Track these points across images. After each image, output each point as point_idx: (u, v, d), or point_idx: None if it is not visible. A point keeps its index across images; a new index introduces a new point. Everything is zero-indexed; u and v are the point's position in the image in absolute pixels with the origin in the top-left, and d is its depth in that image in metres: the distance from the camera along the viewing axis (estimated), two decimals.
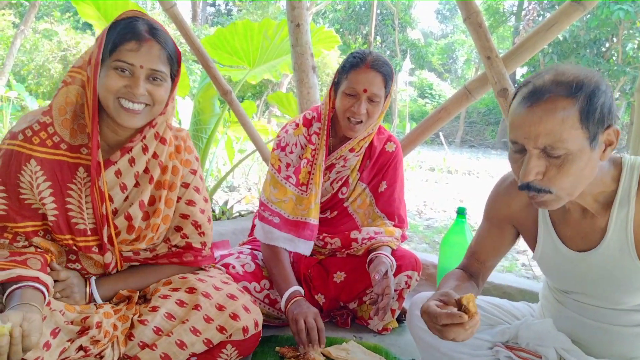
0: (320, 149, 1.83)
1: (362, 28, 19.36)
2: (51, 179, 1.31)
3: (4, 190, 1.28)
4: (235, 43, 3.26)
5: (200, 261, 1.57)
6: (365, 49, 1.80)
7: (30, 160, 1.29)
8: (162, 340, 1.39)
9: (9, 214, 1.28)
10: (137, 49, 1.25)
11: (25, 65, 10.71)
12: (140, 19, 1.30)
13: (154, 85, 1.30)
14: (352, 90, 1.68)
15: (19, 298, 1.17)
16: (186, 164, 1.52)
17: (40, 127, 1.31)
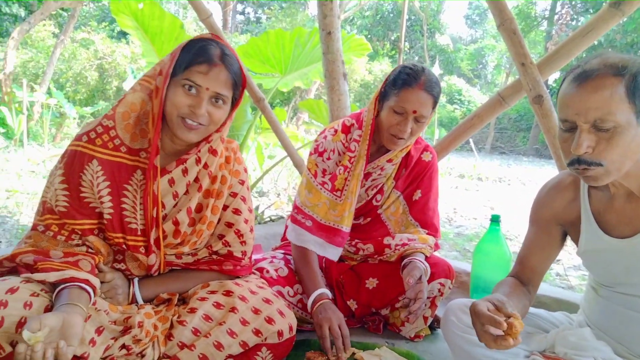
0: (360, 158, 1.83)
1: (390, 34, 19.34)
2: (110, 179, 1.39)
3: (66, 188, 1.37)
4: (267, 51, 3.32)
5: (239, 271, 1.61)
6: (418, 64, 1.77)
7: (93, 160, 1.37)
8: (200, 341, 1.43)
9: (70, 211, 1.36)
10: (207, 72, 1.32)
11: (64, 73, 11.14)
12: (215, 43, 1.38)
13: (215, 107, 1.37)
14: (402, 109, 1.67)
15: (67, 298, 1.23)
16: (235, 174, 1.58)
17: (103, 129, 1.39)
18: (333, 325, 1.58)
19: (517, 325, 1.05)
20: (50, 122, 8.58)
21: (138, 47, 12.31)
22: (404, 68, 1.72)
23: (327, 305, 1.66)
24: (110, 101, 10.93)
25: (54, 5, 8.70)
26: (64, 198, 1.36)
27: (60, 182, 1.37)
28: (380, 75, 15.90)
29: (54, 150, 7.33)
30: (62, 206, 1.36)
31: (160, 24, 3.22)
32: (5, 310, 1.19)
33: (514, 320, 1.05)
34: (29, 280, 1.29)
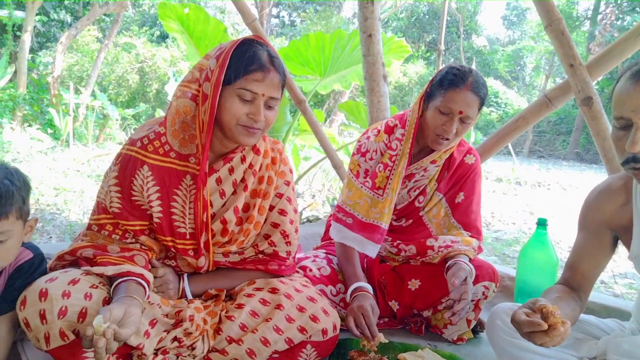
0: (403, 156, 1.84)
1: (426, 36, 19.15)
2: (159, 184, 1.42)
3: (119, 191, 1.42)
4: (307, 54, 3.37)
5: (284, 270, 1.64)
6: (465, 66, 1.77)
7: (144, 165, 1.41)
8: (247, 336, 1.47)
9: (122, 212, 1.42)
10: (262, 80, 1.34)
11: (107, 76, 11.56)
12: (260, 45, 1.39)
13: (269, 110, 1.40)
14: (448, 109, 1.67)
15: (125, 290, 1.29)
16: (281, 175, 1.61)
17: (155, 136, 1.44)
18: (357, 315, 1.59)
19: (552, 309, 1.05)
20: (94, 123, 8.92)
21: (176, 51, 12.65)
22: (451, 69, 1.72)
23: (357, 296, 1.68)
24: (150, 103, 11.27)
25: (99, 11, 9.05)
26: (117, 200, 1.42)
27: (113, 185, 1.43)
28: (415, 77, 15.77)
29: (97, 150, 7.62)
30: (115, 207, 1.42)
31: (205, 28, 3.31)
32: (68, 301, 1.25)
33: (546, 309, 1.06)
34: (89, 272, 1.36)
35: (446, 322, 1.84)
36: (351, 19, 19.02)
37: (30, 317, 1.23)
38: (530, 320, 1.06)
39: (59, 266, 1.44)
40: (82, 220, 4.13)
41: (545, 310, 1.06)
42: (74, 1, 13.60)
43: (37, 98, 9.17)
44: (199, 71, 1.42)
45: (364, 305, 1.61)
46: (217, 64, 1.35)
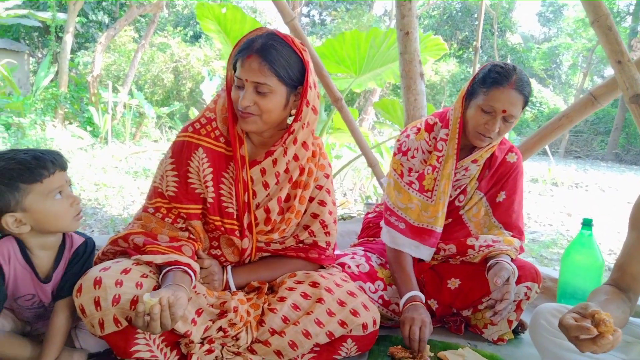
0: (449, 157, 1.82)
1: (458, 34, 18.86)
2: (212, 166, 1.52)
3: (176, 175, 1.51)
4: (343, 52, 3.37)
5: (324, 259, 1.67)
6: (508, 63, 1.74)
7: (199, 148, 1.51)
8: (290, 329, 1.50)
9: (178, 196, 1.50)
10: (242, 65, 1.40)
11: (143, 75, 11.86)
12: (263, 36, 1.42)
13: (260, 97, 1.42)
14: (491, 108, 1.65)
15: (172, 278, 1.34)
16: (321, 167, 1.65)
17: (206, 121, 1.54)
18: (414, 326, 1.59)
19: (606, 317, 1.02)
20: (131, 121, 9.17)
21: (209, 50, 12.86)
22: (494, 66, 1.69)
23: (415, 306, 1.67)
24: (184, 102, 11.50)
25: (137, 11, 9.29)
26: (173, 184, 1.51)
27: (170, 170, 1.52)
28: (447, 75, 15.56)
29: (134, 147, 7.83)
30: (171, 191, 1.50)
31: (242, 27, 3.36)
32: (121, 289, 1.31)
33: (598, 316, 1.03)
34: (139, 262, 1.41)
35: (486, 322, 1.82)
36: (382, 17, 18.92)
37: (86, 304, 1.29)
38: (580, 325, 1.04)
39: (111, 252, 1.51)
40: (122, 215, 4.26)
41: (597, 317, 1.03)
42: (111, 3, 14.00)
43: (77, 97, 9.50)
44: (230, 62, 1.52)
45: (425, 320, 1.61)
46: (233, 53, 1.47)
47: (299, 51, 1.45)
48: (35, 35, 14.63)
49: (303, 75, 1.47)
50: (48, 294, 1.43)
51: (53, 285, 1.42)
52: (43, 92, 9.02)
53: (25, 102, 7.97)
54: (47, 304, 1.45)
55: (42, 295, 1.43)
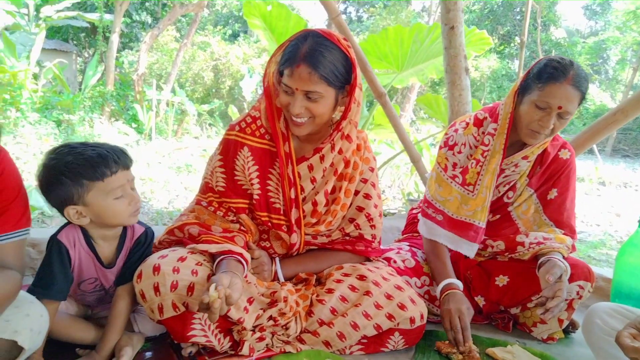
0: (496, 153, 1.78)
1: (500, 29, 18.38)
2: (258, 164, 1.56)
3: (224, 172, 1.56)
4: (385, 48, 3.36)
5: (370, 252, 1.68)
6: (565, 58, 1.69)
7: (244, 147, 1.55)
8: (338, 320, 1.52)
9: (226, 191, 1.55)
10: (291, 75, 1.40)
11: (184, 73, 12.16)
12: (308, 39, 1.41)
13: (312, 102, 1.44)
14: (546, 104, 1.61)
15: (226, 266, 1.39)
16: (365, 161, 1.66)
17: (251, 120, 1.58)
18: (453, 318, 1.57)
19: None
20: (173, 118, 9.43)
21: (248, 48, 13.05)
22: (551, 61, 1.64)
23: (451, 295, 1.66)
24: (223, 99, 11.73)
25: (180, 11, 9.54)
26: (222, 180, 1.56)
27: (219, 167, 1.57)
28: (487, 71, 15.20)
29: (176, 144, 8.05)
30: (220, 186, 1.56)
31: (287, 24, 3.40)
32: (178, 276, 1.37)
33: None
34: (194, 251, 1.47)
35: (536, 320, 1.79)
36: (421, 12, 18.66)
37: (146, 289, 1.36)
38: (636, 347, 1.08)
39: (166, 241, 1.57)
40: (167, 208, 4.40)
41: None
42: (154, 3, 14.41)
43: (122, 94, 9.85)
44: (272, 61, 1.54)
45: (461, 308, 1.60)
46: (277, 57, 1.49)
47: (345, 49, 1.45)
48: (82, 35, 15.22)
49: (350, 73, 1.47)
50: (109, 278, 1.50)
51: (116, 271, 1.49)
52: (91, 90, 9.40)
53: (75, 99, 8.32)
54: (108, 287, 1.53)
55: (104, 279, 1.50)
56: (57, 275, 1.40)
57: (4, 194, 1.20)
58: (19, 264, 1.25)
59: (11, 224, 1.22)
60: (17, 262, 1.24)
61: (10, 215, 1.22)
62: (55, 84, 9.88)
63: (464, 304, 1.62)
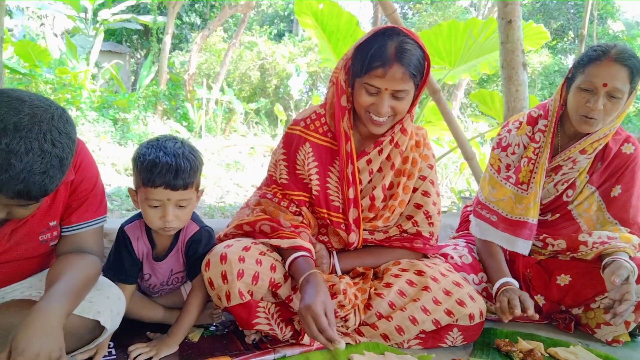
0: (545, 147, 1.77)
1: (552, 23, 17.67)
2: (318, 160, 1.58)
3: (286, 165, 1.60)
4: (438, 44, 3.33)
5: (428, 249, 1.68)
6: (608, 42, 1.67)
7: (306, 143, 1.58)
8: (397, 314, 1.54)
9: (289, 183, 1.59)
10: (383, 75, 1.39)
11: (231, 73, 12.42)
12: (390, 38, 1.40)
13: (397, 101, 1.45)
14: (590, 84, 1.59)
15: (308, 265, 1.42)
16: (425, 158, 1.66)
17: (316, 117, 1.61)
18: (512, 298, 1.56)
19: None
20: (222, 117, 9.68)
21: (293, 47, 13.18)
22: (591, 47, 1.64)
23: (511, 288, 1.64)
24: (269, 98, 11.91)
25: (229, 12, 9.78)
26: (284, 172, 1.61)
27: (282, 160, 1.62)
28: (539, 67, 14.65)
29: (225, 141, 8.25)
30: (283, 178, 1.60)
31: (338, 22, 3.43)
32: (244, 265, 1.42)
33: None
34: (256, 242, 1.52)
35: (599, 321, 1.74)
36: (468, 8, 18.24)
37: (214, 277, 1.42)
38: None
39: (232, 234, 1.63)
40: (219, 204, 4.53)
41: None
42: (203, 5, 14.80)
43: (174, 94, 10.20)
44: (343, 62, 1.53)
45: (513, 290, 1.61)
46: (349, 53, 1.48)
47: (422, 45, 1.46)
48: (135, 37, 15.85)
49: (424, 68, 1.47)
50: (160, 274, 1.58)
51: (165, 265, 1.57)
52: (145, 90, 9.79)
53: (130, 99, 8.69)
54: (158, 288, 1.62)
55: (154, 275, 1.59)
56: (125, 261, 1.51)
57: (83, 184, 1.28)
58: (99, 249, 1.34)
59: (91, 212, 1.31)
60: (96, 247, 1.33)
61: (90, 204, 1.31)
62: (112, 84, 10.36)
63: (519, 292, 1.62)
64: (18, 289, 1.29)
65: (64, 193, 1.25)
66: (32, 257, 1.28)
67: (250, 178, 5.87)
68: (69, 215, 1.27)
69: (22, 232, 1.20)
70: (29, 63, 8.22)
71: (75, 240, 1.28)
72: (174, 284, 1.63)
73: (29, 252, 1.25)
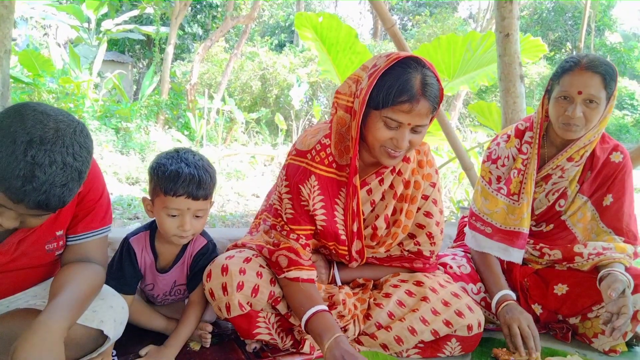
0: (532, 158, 1.81)
1: (550, 34, 17.82)
2: (323, 193, 1.50)
3: (290, 199, 1.52)
4: (437, 57, 3.38)
5: (428, 268, 1.70)
6: (579, 53, 1.73)
7: (311, 176, 1.49)
8: (396, 324, 1.56)
9: (295, 217, 1.51)
10: (409, 111, 1.31)
11: (232, 83, 12.50)
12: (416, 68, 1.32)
13: (415, 134, 1.37)
14: (565, 93, 1.65)
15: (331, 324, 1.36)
16: (427, 177, 1.62)
17: (321, 147, 1.50)
18: (522, 325, 1.57)
19: None
20: (223, 126, 9.73)
21: (294, 58, 13.28)
22: (565, 59, 1.71)
23: (513, 305, 1.66)
24: (270, 108, 11.98)
25: (231, 23, 9.87)
26: (289, 207, 1.51)
27: (285, 192, 1.52)
28: (536, 78, 14.76)
29: (226, 150, 8.29)
30: (289, 214, 1.51)
31: (337, 34, 3.48)
32: (244, 277, 1.45)
33: None
34: (258, 255, 1.54)
35: (597, 331, 1.75)
36: (467, 20, 18.40)
37: (215, 288, 1.45)
38: None
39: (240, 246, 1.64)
40: (219, 213, 4.55)
41: None
42: (205, 16, 14.94)
43: (176, 103, 10.27)
44: (355, 83, 1.44)
45: (529, 317, 1.61)
46: (367, 82, 1.36)
47: (437, 76, 1.39)
48: (137, 47, 15.99)
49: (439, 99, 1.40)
50: (162, 284, 1.61)
51: (169, 277, 1.59)
52: (147, 99, 9.85)
53: (132, 108, 8.75)
54: (161, 297, 1.64)
55: (157, 286, 1.61)
56: (126, 272, 1.53)
57: (90, 194, 1.31)
58: (103, 258, 1.37)
59: (97, 221, 1.34)
60: (101, 257, 1.36)
61: (96, 214, 1.33)
62: (115, 93, 10.42)
63: (528, 314, 1.63)
64: (22, 297, 1.32)
65: (72, 203, 1.28)
66: (38, 266, 1.31)
67: (251, 187, 5.90)
68: (75, 225, 1.30)
69: (29, 242, 1.23)
70: (33, 72, 8.28)
71: (81, 250, 1.31)
72: (176, 295, 1.65)
73: (34, 261, 1.27)
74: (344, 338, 1.29)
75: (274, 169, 7.49)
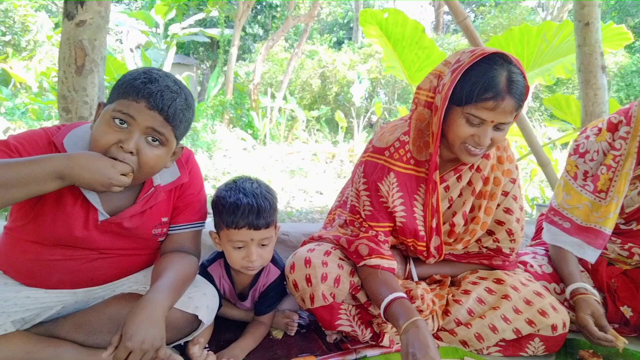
0: (629, 156, 1.69)
1: (629, 20, 16.60)
2: (402, 190, 1.51)
3: (369, 195, 1.53)
4: (509, 48, 3.27)
5: (507, 266, 1.66)
6: None
7: (390, 173, 1.50)
8: (476, 321, 1.54)
9: (374, 214, 1.53)
10: (494, 109, 1.29)
11: (293, 82, 12.71)
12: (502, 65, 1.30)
13: (498, 131, 1.36)
14: None
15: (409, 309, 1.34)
16: (507, 173, 1.59)
17: (400, 144, 1.51)
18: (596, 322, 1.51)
19: None
20: (285, 125, 9.94)
21: (352, 54, 13.27)
22: None
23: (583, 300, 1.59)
24: (330, 106, 12.07)
25: (292, 22, 10.04)
26: (368, 203, 1.53)
27: (364, 190, 1.54)
28: (614, 69, 13.80)
29: (288, 148, 8.46)
30: (367, 210, 1.53)
31: (403, 30, 3.45)
32: (326, 269, 1.49)
33: None
34: (336, 247, 1.58)
35: None
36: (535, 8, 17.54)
37: (299, 280, 1.50)
38: None
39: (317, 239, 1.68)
40: (286, 209, 4.67)
41: None
42: (265, 16, 15.26)
43: (240, 103, 10.59)
44: (437, 78, 1.44)
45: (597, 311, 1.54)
46: (450, 78, 1.34)
47: (523, 72, 1.35)
48: (201, 50, 16.61)
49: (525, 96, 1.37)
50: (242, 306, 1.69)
51: (248, 304, 1.66)
52: (213, 99, 10.23)
53: (199, 108, 9.12)
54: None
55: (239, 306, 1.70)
56: None
57: (191, 189, 1.43)
58: (197, 250, 1.47)
59: (196, 215, 1.45)
60: (195, 248, 1.46)
61: (194, 207, 1.45)
62: None
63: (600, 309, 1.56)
64: (126, 283, 1.43)
65: (175, 194, 1.40)
66: (142, 253, 1.43)
67: (314, 184, 5.99)
68: (176, 216, 1.41)
69: (144, 218, 1.34)
70: (109, 76, 8.84)
71: (178, 240, 1.41)
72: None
73: (141, 244, 1.39)
74: (423, 322, 1.24)
75: (335, 167, 7.55)
